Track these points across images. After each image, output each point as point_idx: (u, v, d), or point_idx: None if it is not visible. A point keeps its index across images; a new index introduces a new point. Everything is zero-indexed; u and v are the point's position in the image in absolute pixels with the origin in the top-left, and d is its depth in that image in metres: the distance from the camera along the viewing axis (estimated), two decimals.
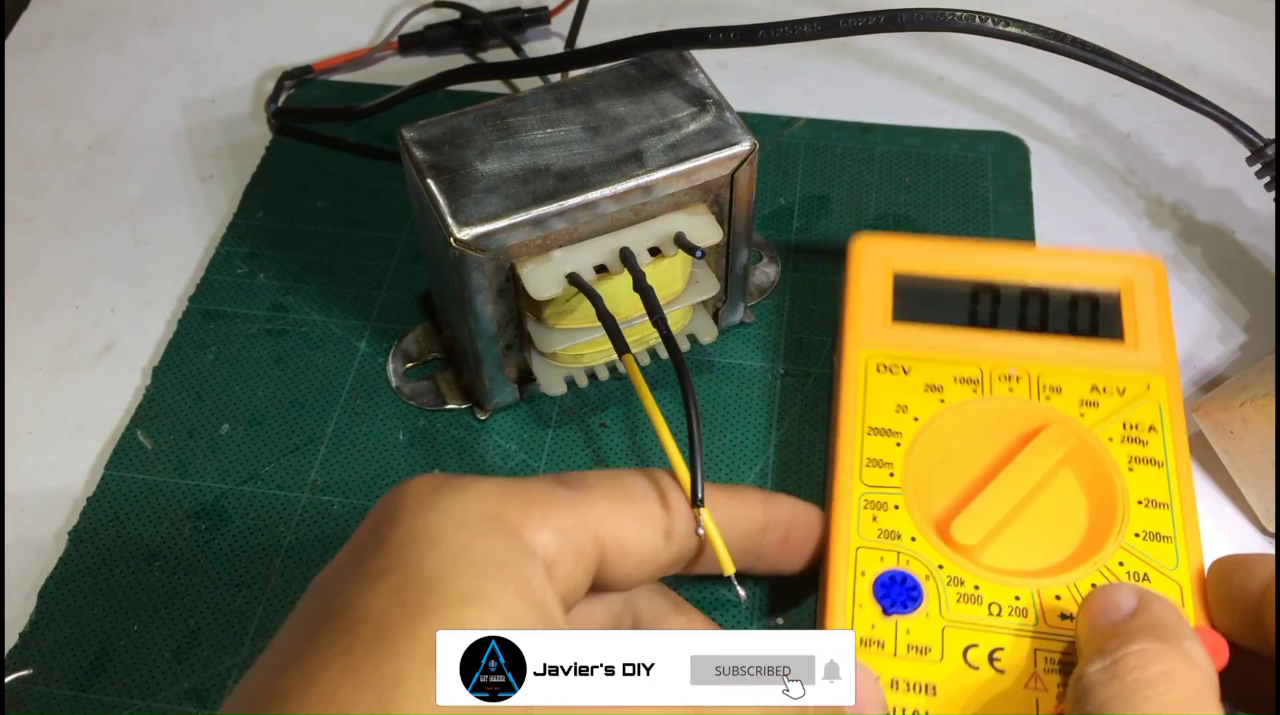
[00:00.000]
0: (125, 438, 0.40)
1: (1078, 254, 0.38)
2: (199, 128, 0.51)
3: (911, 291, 0.37)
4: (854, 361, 0.36)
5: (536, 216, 0.33)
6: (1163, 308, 0.37)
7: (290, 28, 0.56)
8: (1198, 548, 0.32)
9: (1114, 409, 0.35)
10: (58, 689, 0.34)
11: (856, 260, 0.38)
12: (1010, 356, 0.36)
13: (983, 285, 0.37)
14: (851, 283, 0.38)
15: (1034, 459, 0.33)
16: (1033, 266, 0.38)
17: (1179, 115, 0.37)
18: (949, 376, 0.35)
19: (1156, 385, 0.35)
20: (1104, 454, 0.34)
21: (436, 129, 0.35)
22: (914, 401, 0.35)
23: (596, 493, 0.27)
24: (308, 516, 0.38)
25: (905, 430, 0.34)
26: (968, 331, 0.36)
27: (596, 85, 0.37)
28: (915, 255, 0.38)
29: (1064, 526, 0.33)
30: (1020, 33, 0.35)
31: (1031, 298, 0.37)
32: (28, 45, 0.55)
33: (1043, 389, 0.35)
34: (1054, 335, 0.36)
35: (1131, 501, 0.33)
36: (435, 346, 0.42)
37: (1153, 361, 0.36)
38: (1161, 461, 0.34)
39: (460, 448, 0.39)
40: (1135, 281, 0.37)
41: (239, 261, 0.45)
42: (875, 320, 0.37)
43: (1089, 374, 0.35)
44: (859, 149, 0.49)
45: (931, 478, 0.34)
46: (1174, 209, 0.47)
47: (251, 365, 0.42)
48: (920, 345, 0.36)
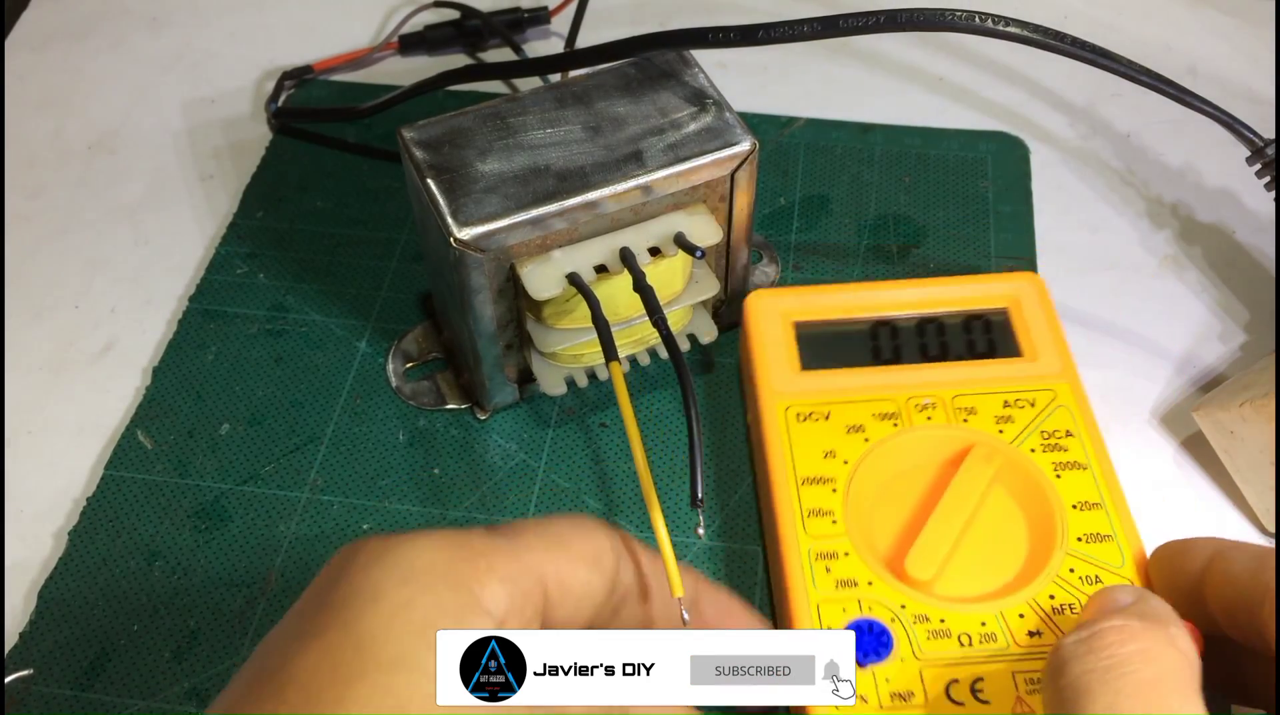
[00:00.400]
0: (125, 438, 0.40)
1: (962, 281, 0.40)
2: (199, 128, 0.51)
3: (813, 339, 0.38)
4: (773, 415, 0.36)
5: (536, 216, 0.33)
6: (1050, 318, 0.38)
7: (290, 28, 0.56)
8: (1137, 540, 0.33)
9: (1029, 421, 0.36)
10: (58, 689, 0.34)
11: (754, 317, 0.38)
12: (921, 386, 0.36)
13: (880, 322, 0.38)
14: (753, 339, 0.38)
15: (967, 482, 0.34)
16: (922, 298, 0.39)
17: (1179, 115, 0.37)
18: (867, 415, 0.36)
19: (1062, 392, 0.36)
20: (1030, 466, 0.35)
21: (436, 129, 0.35)
22: (840, 445, 0.35)
23: (530, 537, 0.27)
24: (308, 516, 0.38)
25: (837, 475, 0.34)
26: (876, 370, 0.37)
27: (596, 85, 0.37)
28: (810, 304, 0.39)
29: (1008, 544, 0.34)
30: (1020, 33, 0.35)
31: (928, 327, 0.38)
32: (28, 45, 0.55)
33: (958, 412, 0.36)
34: (957, 361, 0.37)
35: (1066, 508, 0.34)
36: (435, 346, 0.42)
37: (1053, 370, 0.37)
38: (1085, 463, 0.35)
39: (460, 448, 0.39)
40: (1020, 298, 0.39)
41: (239, 261, 0.45)
42: (785, 372, 0.37)
43: (998, 392, 0.36)
44: (859, 149, 0.49)
45: (872, 517, 0.34)
46: (1174, 209, 0.47)
47: (251, 365, 0.42)
48: (834, 389, 0.36)
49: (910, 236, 0.45)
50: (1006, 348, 0.38)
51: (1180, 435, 0.40)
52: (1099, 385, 0.41)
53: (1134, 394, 0.41)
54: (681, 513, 0.37)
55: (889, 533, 0.34)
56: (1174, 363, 0.41)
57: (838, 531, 0.33)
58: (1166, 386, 0.41)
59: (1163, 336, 0.42)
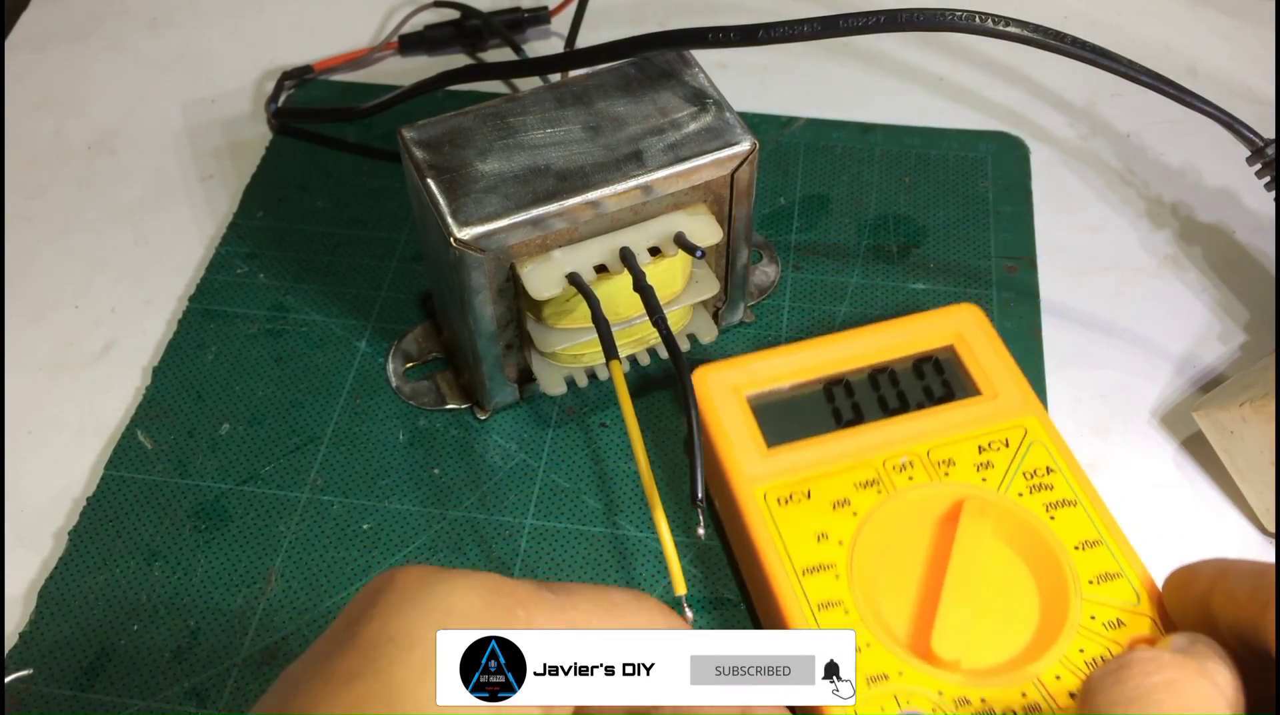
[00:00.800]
0: (125, 438, 0.40)
1: (902, 323, 0.38)
2: (199, 128, 0.51)
3: (771, 411, 0.36)
4: (753, 503, 0.34)
5: (536, 216, 0.33)
6: (997, 349, 0.37)
7: (290, 28, 0.56)
8: (1144, 572, 0.32)
9: (1008, 463, 0.35)
10: (58, 689, 0.34)
11: (706, 397, 0.36)
12: (893, 444, 0.35)
13: (832, 381, 0.37)
14: (710, 421, 0.36)
15: (968, 544, 0.33)
16: (867, 348, 0.38)
17: (1179, 115, 0.37)
18: (849, 486, 0.34)
19: (1031, 426, 0.35)
20: (1023, 513, 0.33)
21: (436, 129, 0.35)
22: (830, 526, 0.33)
23: (580, 599, 0.26)
24: (308, 516, 0.38)
25: (837, 560, 0.33)
26: (843, 433, 0.36)
27: (596, 85, 0.37)
28: (758, 373, 0.37)
29: (1020, 598, 0.33)
30: (1020, 33, 0.35)
31: (880, 378, 0.37)
32: (28, 45, 0.55)
33: (938, 467, 0.35)
34: (919, 410, 0.36)
35: (1069, 550, 0.33)
36: (435, 346, 0.42)
37: (1015, 404, 0.36)
38: (1074, 499, 0.34)
39: (460, 448, 0.39)
40: (963, 332, 0.38)
41: (239, 261, 0.45)
42: (752, 454, 0.35)
43: (970, 437, 0.35)
44: (859, 149, 0.49)
45: (881, 598, 0.32)
46: (1174, 209, 0.47)
47: (251, 365, 0.42)
48: (807, 464, 0.35)
49: (910, 236, 0.45)
50: (964, 388, 0.37)
51: (1180, 435, 0.40)
52: (1099, 385, 0.41)
53: (1134, 394, 0.41)
54: (682, 512, 0.37)
55: (902, 611, 0.32)
56: (1174, 363, 0.41)
57: (853, 622, 0.31)
58: (1166, 386, 0.41)
59: (1163, 336, 0.42)
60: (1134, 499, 0.38)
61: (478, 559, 0.37)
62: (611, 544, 0.37)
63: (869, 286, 0.44)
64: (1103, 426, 0.40)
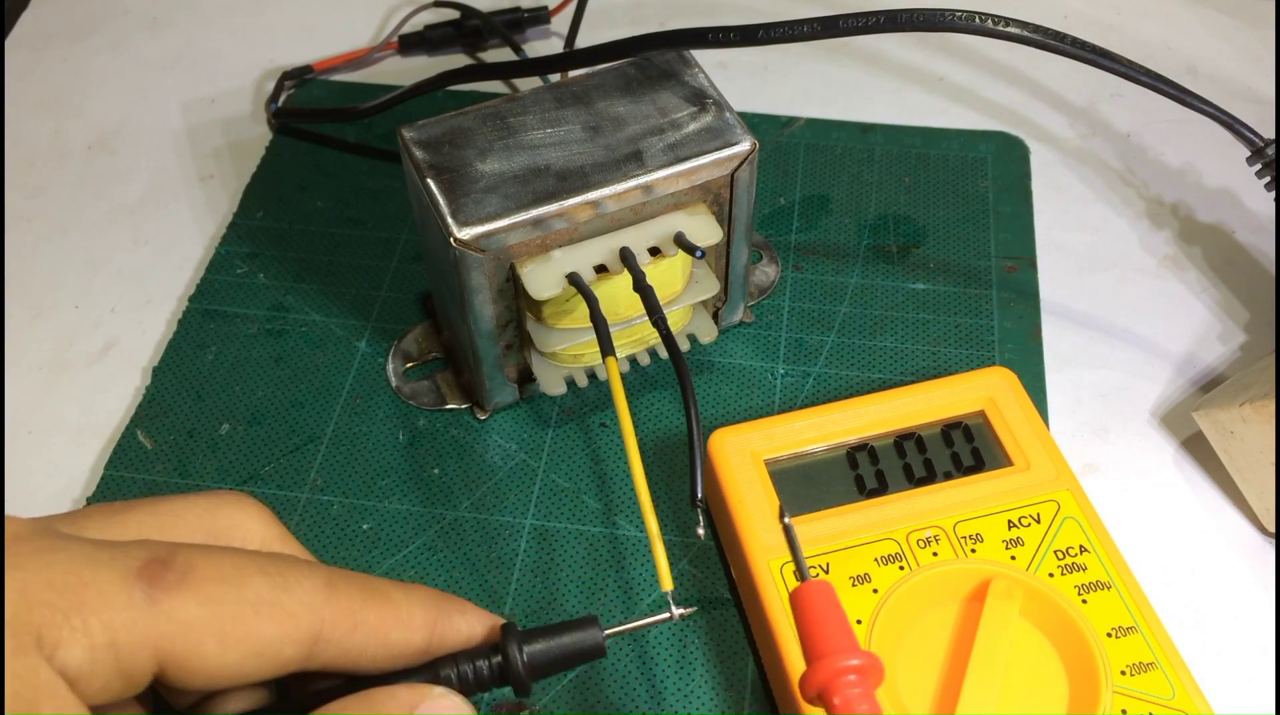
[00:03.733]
0: (125, 438, 0.40)
1: (931, 387, 0.37)
2: (199, 128, 0.51)
3: (791, 478, 0.35)
4: (767, 575, 0.33)
5: (536, 216, 0.33)
6: (1029, 415, 0.36)
7: (290, 28, 0.56)
8: (1181, 663, 0.31)
9: (1039, 541, 0.33)
10: None
11: (722, 461, 0.35)
12: (918, 517, 0.34)
13: (855, 447, 0.36)
14: (727, 487, 0.35)
15: (994, 628, 0.31)
16: (893, 413, 0.36)
17: (1179, 115, 0.37)
18: (870, 561, 0.33)
19: (1065, 501, 0.34)
20: (1054, 595, 0.32)
21: (436, 129, 0.35)
22: (849, 603, 0.32)
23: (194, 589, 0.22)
24: (308, 516, 0.38)
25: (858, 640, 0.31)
26: (865, 505, 0.34)
27: (596, 85, 0.37)
28: (777, 437, 0.36)
29: (1048, 685, 0.31)
30: (1020, 33, 0.35)
31: (906, 445, 0.36)
32: (28, 45, 0.55)
33: (964, 542, 0.33)
34: (947, 481, 0.35)
35: (1101, 637, 0.31)
36: (435, 346, 0.42)
37: (1048, 476, 0.35)
38: (1108, 582, 0.32)
39: (460, 448, 0.39)
40: (994, 397, 0.36)
41: (239, 261, 0.45)
42: (768, 523, 0.34)
43: (999, 511, 0.34)
44: (859, 149, 0.49)
45: (902, 680, 0.31)
46: (1174, 209, 0.47)
47: (251, 365, 0.42)
48: (827, 536, 0.33)
49: (910, 236, 0.45)
50: (995, 459, 0.35)
51: (1180, 435, 0.40)
52: (1099, 385, 0.41)
53: (1134, 394, 0.41)
54: (681, 513, 0.37)
55: (923, 695, 0.31)
56: (1174, 363, 0.41)
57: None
58: (1166, 386, 0.41)
59: (1163, 336, 0.42)
60: (1134, 499, 0.38)
61: (477, 559, 0.37)
62: (611, 544, 0.37)
63: (869, 286, 0.44)
64: (1103, 426, 0.40)
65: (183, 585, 0.22)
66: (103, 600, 0.21)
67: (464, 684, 0.27)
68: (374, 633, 0.25)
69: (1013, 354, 0.41)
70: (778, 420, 0.36)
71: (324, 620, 0.24)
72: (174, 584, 0.22)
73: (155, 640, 0.22)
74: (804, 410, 0.37)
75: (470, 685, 0.27)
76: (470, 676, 0.27)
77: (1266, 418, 0.35)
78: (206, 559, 0.23)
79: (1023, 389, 0.37)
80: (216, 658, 0.23)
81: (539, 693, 0.33)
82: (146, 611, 0.22)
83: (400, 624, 0.26)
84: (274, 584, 0.24)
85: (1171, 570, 0.36)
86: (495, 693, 0.33)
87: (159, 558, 0.23)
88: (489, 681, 0.27)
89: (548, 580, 0.36)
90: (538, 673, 0.27)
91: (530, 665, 0.27)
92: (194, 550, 0.23)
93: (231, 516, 0.26)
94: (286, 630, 0.23)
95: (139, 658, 0.22)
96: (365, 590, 0.25)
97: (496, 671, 0.27)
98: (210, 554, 0.24)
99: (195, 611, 0.22)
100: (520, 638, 0.27)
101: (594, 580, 0.36)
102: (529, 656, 0.27)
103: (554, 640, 0.27)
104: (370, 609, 0.25)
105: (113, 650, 0.21)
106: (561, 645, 0.27)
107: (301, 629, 0.24)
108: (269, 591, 0.23)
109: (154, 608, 0.22)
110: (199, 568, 0.23)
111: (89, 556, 0.22)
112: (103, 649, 0.21)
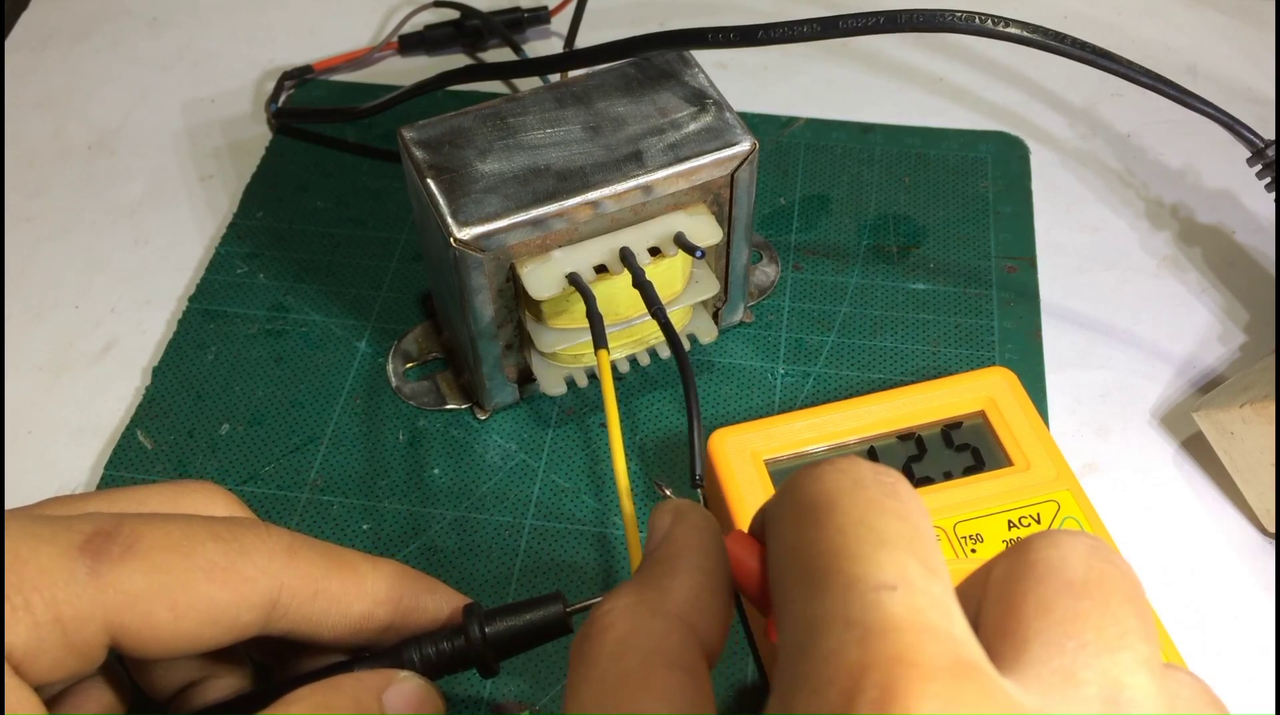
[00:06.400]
0: (125, 438, 0.40)
1: (930, 387, 0.37)
2: (199, 128, 0.51)
3: None
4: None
5: (536, 216, 0.33)
6: (1029, 416, 0.36)
7: (290, 28, 0.56)
8: (1182, 663, 0.31)
9: None
10: None
11: (722, 462, 0.35)
12: None
13: (855, 447, 0.36)
14: (727, 487, 0.35)
15: None
16: (893, 413, 0.36)
17: (1179, 115, 0.37)
18: None
19: (1065, 501, 0.34)
20: None
21: (436, 129, 0.35)
22: None
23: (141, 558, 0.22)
24: (308, 516, 0.38)
25: None
26: None
27: (596, 85, 0.37)
28: (777, 437, 0.36)
29: None
30: (1020, 33, 0.35)
31: (907, 446, 0.36)
32: (28, 45, 0.55)
33: (965, 542, 0.34)
34: (948, 481, 0.35)
35: None
36: (435, 346, 0.42)
37: (1048, 476, 0.35)
38: None
39: (460, 448, 0.39)
40: (994, 397, 0.37)
41: (239, 261, 0.45)
42: None
43: (999, 511, 0.34)
44: (859, 149, 0.49)
45: None
46: (1174, 210, 0.47)
47: (251, 365, 0.42)
48: None
49: (910, 236, 0.45)
50: (995, 459, 0.36)
51: (1180, 435, 0.40)
52: (1099, 385, 0.41)
53: (1134, 394, 0.41)
54: None
55: None
56: (1174, 363, 0.41)
57: None
58: (1167, 387, 0.41)
59: (1163, 337, 0.42)
60: (1134, 499, 0.38)
61: (477, 559, 0.37)
62: (611, 544, 0.37)
63: (869, 286, 0.44)
64: (1103, 426, 0.40)
65: (128, 556, 0.22)
66: (44, 577, 0.21)
67: (428, 666, 0.26)
68: (335, 601, 0.25)
69: (1013, 354, 0.41)
70: (778, 420, 0.36)
71: (282, 585, 0.24)
72: (119, 556, 0.22)
73: (104, 613, 0.22)
74: (804, 410, 0.37)
75: (435, 667, 0.27)
76: (433, 658, 0.26)
77: (1266, 418, 0.35)
78: (153, 528, 0.23)
79: (1023, 389, 0.37)
80: (169, 626, 0.22)
81: (539, 693, 0.33)
82: (91, 585, 0.22)
83: (363, 595, 0.25)
84: (228, 549, 0.23)
85: (1171, 570, 0.36)
86: (495, 693, 0.33)
87: (103, 530, 0.22)
88: (455, 663, 0.27)
89: (548, 580, 0.36)
90: (502, 651, 0.27)
91: (492, 643, 0.26)
92: (141, 520, 0.23)
93: (194, 502, 0.26)
94: (242, 594, 0.23)
95: (88, 631, 0.22)
96: (329, 558, 0.25)
97: (460, 652, 0.27)
98: (158, 522, 0.23)
99: (143, 581, 0.22)
100: (483, 617, 0.27)
101: (594, 580, 0.36)
102: (491, 635, 0.27)
103: (517, 618, 0.27)
104: (333, 577, 0.25)
105: (58, 626, 0.21)
106: (525, 622, 0.27)
107: (258, 593, 0.23)
108: (223, 557, 0.23)
109: (98, 581, 0.22)
110: (145, 537, 0.23)
111: (30, 533, 0.22)
112: (48, 625, 0.21)
